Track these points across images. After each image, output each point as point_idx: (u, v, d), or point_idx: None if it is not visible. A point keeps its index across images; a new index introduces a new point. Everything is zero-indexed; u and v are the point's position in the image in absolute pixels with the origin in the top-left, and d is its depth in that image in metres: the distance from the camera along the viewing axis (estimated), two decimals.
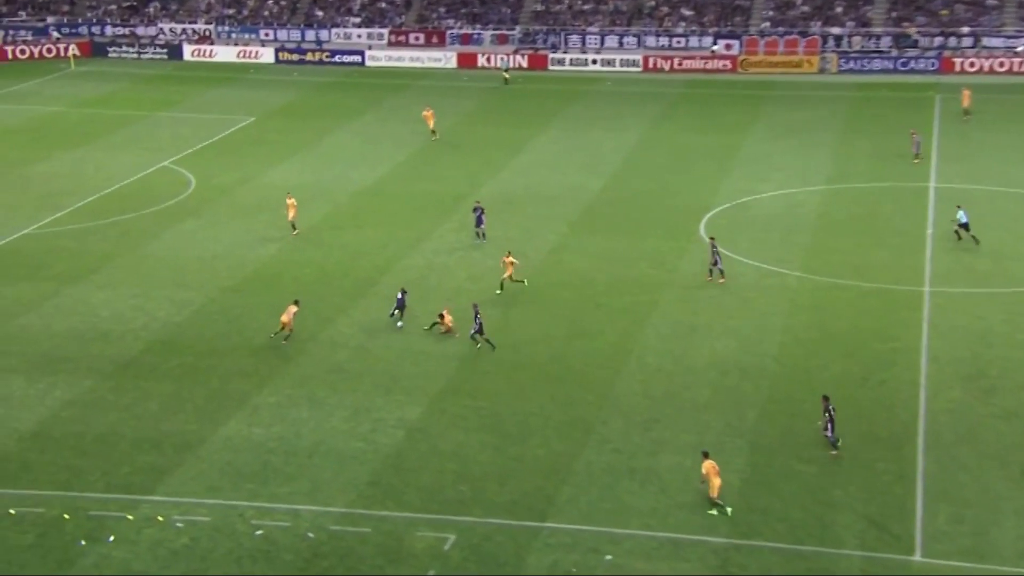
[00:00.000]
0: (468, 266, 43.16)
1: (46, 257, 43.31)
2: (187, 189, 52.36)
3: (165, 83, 75.59)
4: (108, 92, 72.71)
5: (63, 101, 69.89)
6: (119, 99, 70.98)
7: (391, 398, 33.05)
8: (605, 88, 74.06)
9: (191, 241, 45.42)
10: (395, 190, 52.70)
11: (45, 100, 70.13)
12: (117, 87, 74.20)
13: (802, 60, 76.77)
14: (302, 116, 66.98)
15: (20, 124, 63.69)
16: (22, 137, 60.94)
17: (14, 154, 57.27)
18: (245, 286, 41.06)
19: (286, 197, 46.51)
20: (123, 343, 36.19)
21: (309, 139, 61.37)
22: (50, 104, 69.05)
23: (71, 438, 30.43)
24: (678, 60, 77.69)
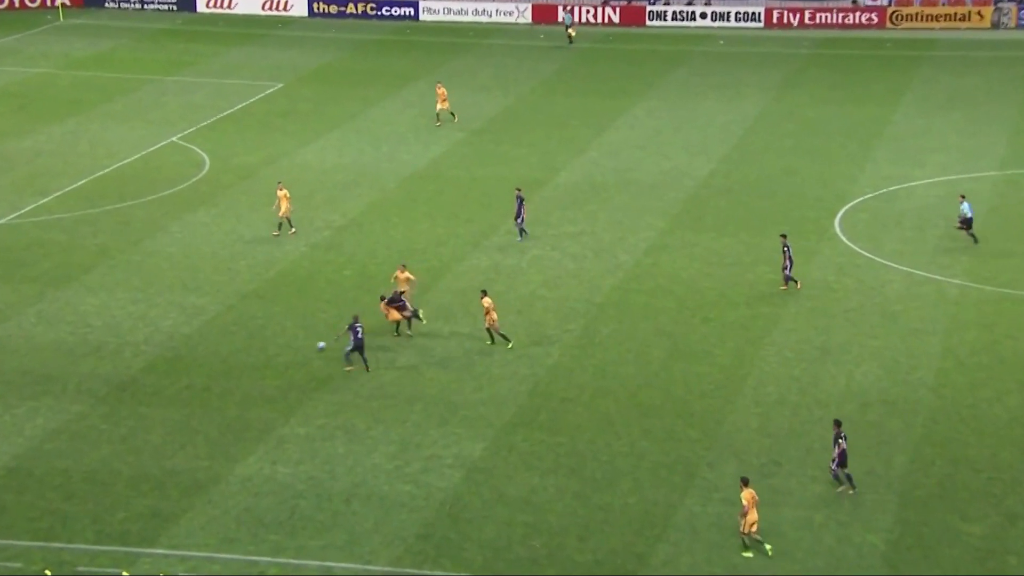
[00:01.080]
0: (543, 269, 43.31)
1: (28, 253, 44.34)
2: (200, 171, 53.25)
3: (174, 40, 76.98)
4: (104, 50, 74.26)
5: (50, 61, 71.54)
6: (118, 59, 72.45)
7: (447, 430, 33.27)
8: (716, 48, 73.71)
9: (204, 235, 46.17)
10: (454, 175, 53.05)
11: (28, 60, 71.85)
12: (115, 44, 75.75)
13: (970, 12, 75.71)
14: (341, 82, 67.73)
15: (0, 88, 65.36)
16: (1, 105, 62.47)
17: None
18: (270, 291, 41.63)
19: (277, 188, 46.66)
20: (120, 360, 36.90)
21: (350, 111, 62.05)
22: (34, 64, 70.73)
23: (56, 476, 31.08)
24: (809, 13, 77.12)
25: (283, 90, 66.03)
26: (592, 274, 42.79)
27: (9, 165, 53.34)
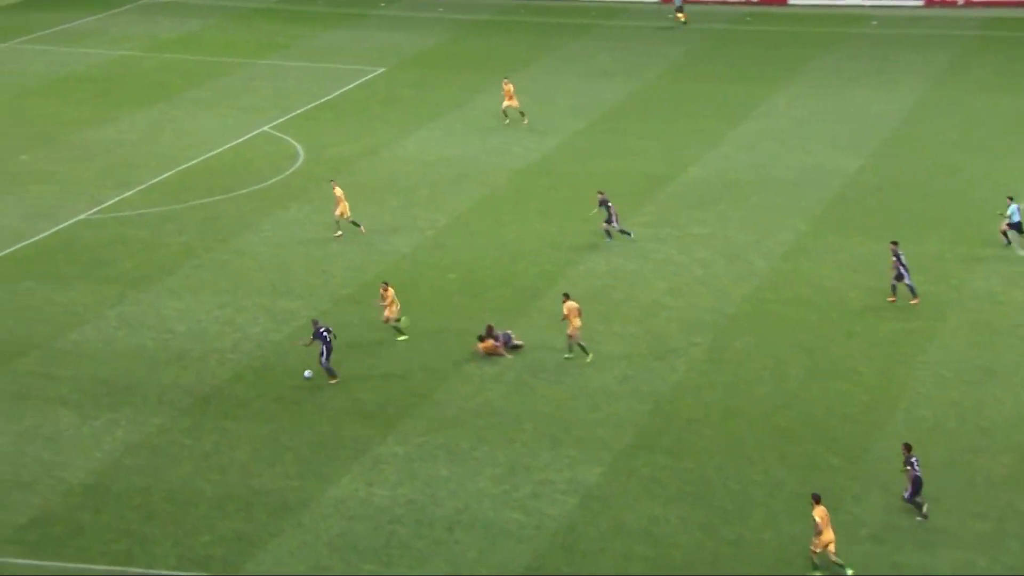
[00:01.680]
0: (668, 274, 43.24)
1: (108, 251, 45.45)
2: (293, 163, 54.11)
3: (267, 20, 78.31)
4: (192, 31, 75.82)
5: (134, 43, 73.24)
6: (206, 41, 73.92)
7: (560, 452, 33.37)
8: (869, 29, 72.87)
9: (297, 233, 46.89)
10: (571, 169, 53.18)
11: (111, 41, 73.64)
12: (204, 25, 77.29)
13: None
14: (448, 67, 68.30)
15: (79, 73, 67.08)
16: (81, 91, 64.15)
17: (70, 113, 60.34)
18: (368, 295, 42.13)
19: (332, 187, 47.03)
20: (204, 369, 37.64)
21: (457, 98, 62.55)
22: (117, 47, 72.46)
23: (135, 494, 31.81)
24: None
25: (384, 75, 66.81)
26: (723, 281, 42.59)
27: (89, 155, 54.73)
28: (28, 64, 68.40)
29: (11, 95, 62.70)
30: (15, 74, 66.52)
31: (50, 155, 54.51)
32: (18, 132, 57.41)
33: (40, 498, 31.31)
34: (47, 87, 64.32)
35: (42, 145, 55.70)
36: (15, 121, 58.92)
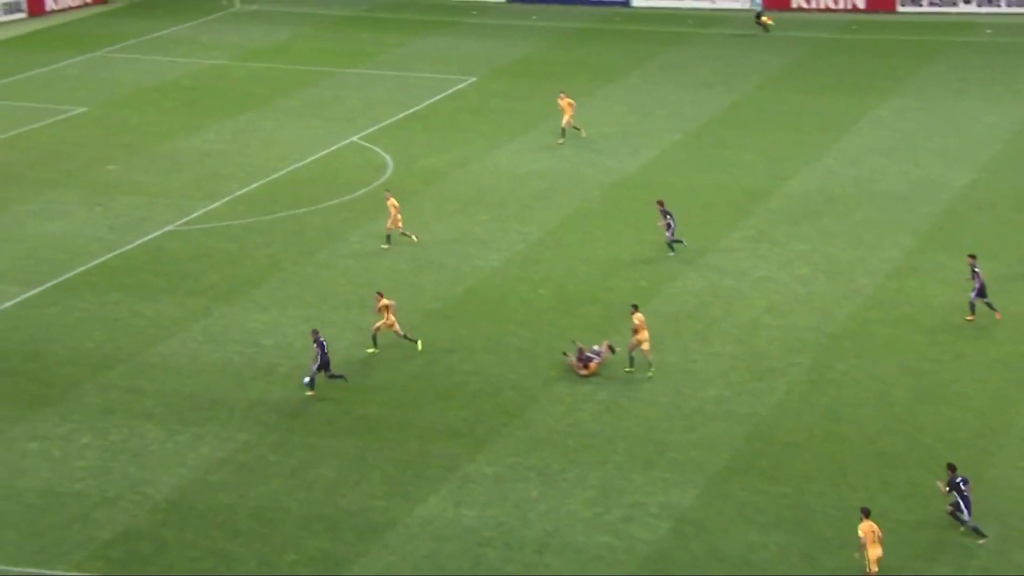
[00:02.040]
0: (768, 292, 42.98)
1: (195, 263, 46.06)
2: (382, 174, 54.50)
3: (358, 28, 78.98)
4: (281, 40, 76.66)
5: (223, 51, 74.20)
6: (296, 49, 74.71)
7: (653, 475, 33.28)
8: (983, 38, 71.95)
9: (378, 241, 47.17)
10: (667, 182, 53.04)
11: (200, 50, 74.66)
12: (293, 33, 78.13)
13: None
14: (541, 76, 68.41)
15: (168, 82, 68.10)
16: (170, 100, 65.10)
17: (160, 123, 61.24)
18: (457, 310, 42.32)
19: (385, 198, 47.26)
20: (291, 384, 38.00)
21: (550, 109, 62.53)
22: (207, 55, 73.45)
23: (220, 511, 32.18)
24: None
25: (475, 85, 67.09)
26: (825, 299, 42.25)
27: (177, 166, 55.48)
28: (118, 73, 69.56)
29: (101, 105, 63.79)
30: (105, 83, 67.67)
31: (138, 165, 55.37)
32: (107, 142, 58.38)
33: (125, 514, 31.78)
34: (136, 96, 65.35)
35: (130, 155, 56.59)
36: (105, 131, 59.92)
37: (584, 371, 37.66)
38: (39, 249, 46.55)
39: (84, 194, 51.88)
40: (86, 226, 48.82)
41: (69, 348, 39.64)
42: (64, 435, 35.04)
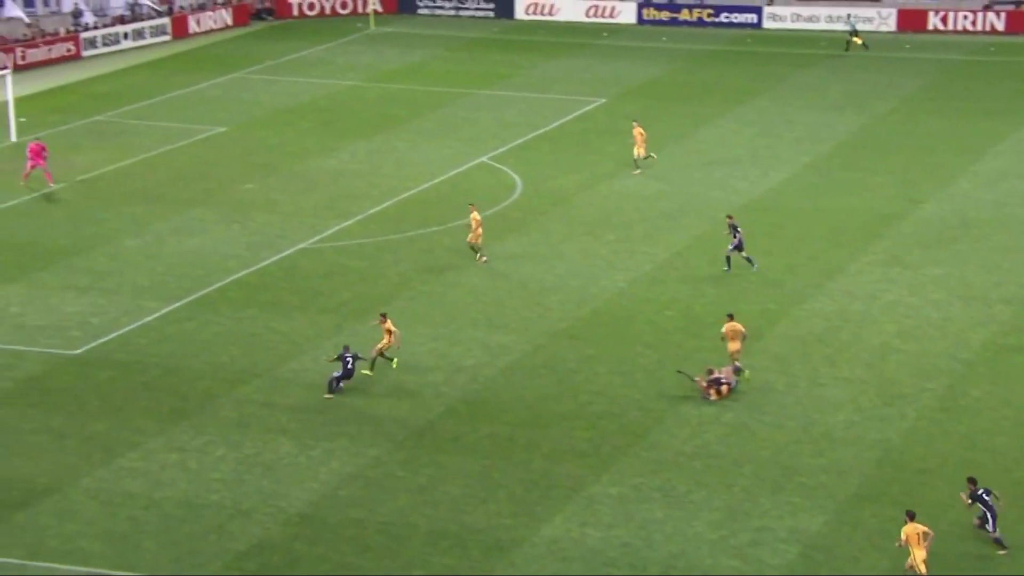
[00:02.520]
0: (899, 316, 42.28)
1: (327, 281, 46.52)
2: (511, 195, 54.65)
3: (490, 50, 79.42)
4: (416, 61, 77.37)
5: (359, 73, 75.07)
6: (429, 71, 75.32)
7: (781, 499, 32.84)
8: None
9: (513, 266, 47.30)
10: (797, 205, 52.50)
11: (336, 71, 75.63)
12: (427, 55, 78.80)
13: None
14: (671, 98, 68.21)
15: (305, 103, 69.03)
16: (306, 121, 65.98)
17: (296, 143, 62.08)
18: (584, 330, 42.22)
19: (470, 211, 47.44)
20: (419, 402, 38.16)
21: (679, 130, 62.42)
22: (342, 76, 74.38)
23: (350, 526, 32.37)
24: None
25: (604, 106, 67.05)
26: (959, 325, 41.43)
27: (311, 185, 56.17)
28: (257, 94, 70.71)
29: (239, 125, 64.86)
30: (244, 103, 68.82)
31: (274, 185, 56.16)
32: (245, 161, 59.32)
33: (259, 527, 32.12)
34: (273, 117, 66.35)
35: (267, 174, 57.44)
36: (243, 150, 60.90)
37: (715, 396, 37.31)
38: (179, 265, 47.40)
39: (222, 212, 52.73)
40: (224, 243, 49.60)
41: (206, 362, 40.24)
42: (200, 447, 35.56)
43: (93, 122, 65.32)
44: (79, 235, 50.13)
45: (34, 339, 41.53)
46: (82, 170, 57.44)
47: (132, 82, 73.17)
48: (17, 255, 48.17)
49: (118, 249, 48.89)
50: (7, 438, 35.86)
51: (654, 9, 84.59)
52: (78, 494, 33.21)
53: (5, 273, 46.54)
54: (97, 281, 45.94)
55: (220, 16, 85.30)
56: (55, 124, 64.22)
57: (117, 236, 50.09)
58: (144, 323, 42.79)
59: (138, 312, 43.43)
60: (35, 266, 47.17)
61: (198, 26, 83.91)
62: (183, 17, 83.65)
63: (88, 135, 63.02)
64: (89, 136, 62.85)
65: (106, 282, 45.90)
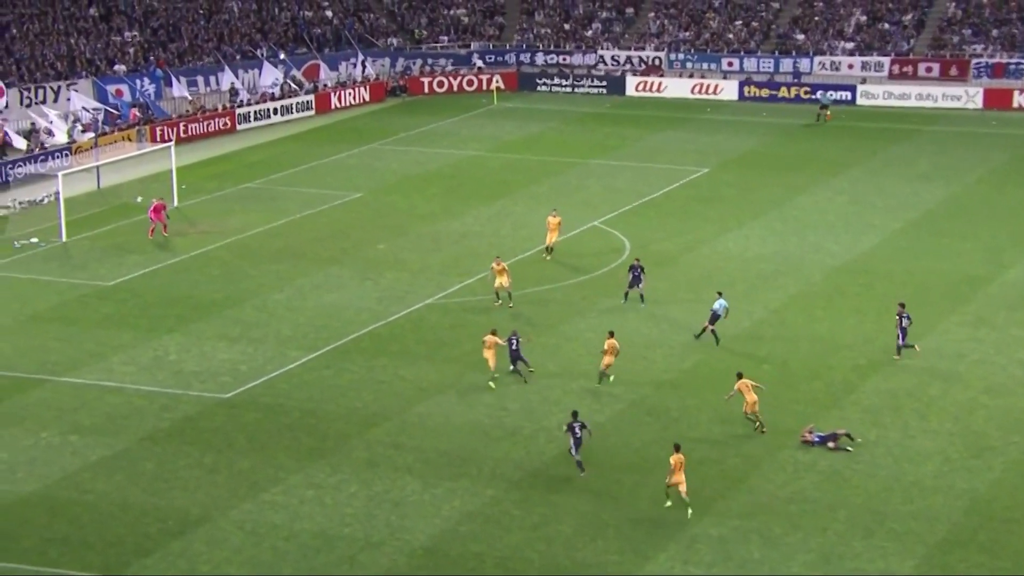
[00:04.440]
0: (986, 374, 41.29)
1: (451, 333, 46.56)
2: (620, 256, 54.43)
3: (602, 123, 79.48)
4: (534, 133, 77.66)
5: (482, 143, 75.51)
6: (546, 142, 75.54)
7: (873, 543, 32.07)
8: None
9: (620, 321, 46.97)
10: (887, 268, 51.64)
11: (462, 142, 76.16)
12: (544, 127, 79.06)
13: None
14: (769, 167, 67.65)
15: (432, 171, 69.55)
16: (433, 187, 66.42)
17: (423, 207, 62.48)
18: (686, 381, 41.77)
19: (494, 262, 48.14)
20: (534, 445, 37.96)
21: (776, 197, 61.87)
22: (467, 147, 74.87)
23: (469, 559, 32.17)
24: None
25: (707, 175, 66.69)
26: None
27: (438, 245, 56.45)
28: (389, 163, 71.42)
29: (373, 191, 65.47)
30: (377, 171, 69.53)
31: (404, 245, 56.53)
32: (377, 223, 59.81)
33: (387, 558, 32.08)
34: (403, 183, 66.91)
35: (397, 235, 57.84)
36: (376, 214, 61.43)
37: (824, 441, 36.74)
38: (318, 318, 47.80)
39: (357, 269, 53.16)
40: (357, 298, 49.96)
41: (341, 406, 40.45)
42: (335, 484, 35.66)
43: (245, 188, 66.40)
44: (231, 289, 50.83)
45: (190, 384, 42.08)
46: (235, 231, 58.34)
47: (280, 152, 74.34)
48: (176, 307, 48.93)
49: (265, 302, 49.46)
50: (165, 473, 36.31)
51: (755, 87, 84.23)
52: (227, 524, 33.47)
53: (165, 323, 47.26)
54: (246, 331, 46.48)
55: (359, 93, 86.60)
56: (212, 190, 65.40)
57: (264, 291, 50.70)
58: (287, 370, 43.17)
59: (282, 360, 43.84)
60: (192, 317, 47.86)
61: (339, 102, 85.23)
62: (326, 94, 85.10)
63: (240, 200, 64.03)
64: (241, 200, 63.86)
65: (254, 332, 46.41)
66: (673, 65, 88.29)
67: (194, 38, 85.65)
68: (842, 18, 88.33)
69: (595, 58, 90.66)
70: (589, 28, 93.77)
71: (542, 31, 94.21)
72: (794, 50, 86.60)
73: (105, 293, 50.70)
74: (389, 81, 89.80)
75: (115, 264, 54.02)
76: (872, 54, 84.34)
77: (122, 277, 52.31)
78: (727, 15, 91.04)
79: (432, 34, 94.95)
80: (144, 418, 39.58)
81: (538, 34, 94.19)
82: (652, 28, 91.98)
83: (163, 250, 55.57)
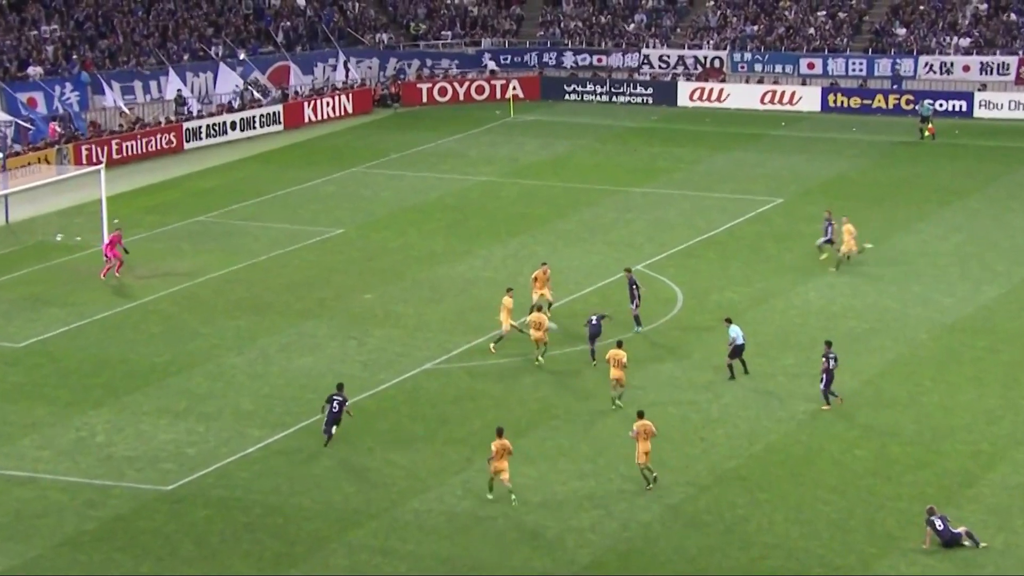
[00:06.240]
0: None
1: (455, 407, 46.58)
2: (670, 310, 54.60)
3: (646, 141, 79.95)
4: (560, 154, 78.13)
5: (494, 167, 76.01)
6: (575, 164, 75.99)
7: None
8: None
9: (672, 393, 47.08)
10: (1014, 326, 51.78)
11: (470, 165, 76.66)
12: (573, 146, 79.54)
13: None
14: (859, 198, 67.95)
15: (431, 201, 70.03)
16: (434, 221, 66.88)
17: (421, 246, 62.89)
18: (755, 471, 41.77)
19: (531, 316, 49.21)
20: (561, 550, 37.80)
21: (871, 236, 61.96)
22: (476, 171, 75.35)
23: None
24: None
25: (782, 207, 66.99)
26: None
27: (439, 295, 56.75)
28: (378, 191, 71.94)
29: (359, 226, 65.92)
30: (365, 201, 70.02)
31: (396, 294, 56.85)
32: (364, 268, 60.17)
33: None
34: (397, 217, 67.36)
35: (388, 282, 58.17)
36: (361, 255, 61.81)
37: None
38: (286, 387, 48.06)
39: (337, 325, 53.47)
40: (338, 362, 50.24)
41: (316, 501, 40.61)
42: None
43: (195, 222, 66.93)
44: (176, 351, 51.16)
45: (122, 472, 42.29)
46: (182, 277, 58.74)
47: (239, 177, 74.97)
48: (106, 374, 49.25)
49: (219, 367, 49.78)
50: None
51: (842, 95, 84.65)
52: None
53: (92, 395, 47.57)
54: (195, 405, 46.76)
55: (339, 103, 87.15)
56: (152, 225, 65.97)
57: (218, 353, 51.02)
58: (246, 454, 43.39)
59: (240, 441, 44.07)
60: (125, 387, 48.16)
61: (314, 114, 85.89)
62: (298, 104, 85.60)
63: (189, 237, 64.54)
64: (190, 238, 64.35)
65: (205, 406, 46.70)
66: (738, 68, 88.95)
67: (131, 33, 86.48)
68: (955, 7, 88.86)
69: (638, 59, 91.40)
70: (631, 21, 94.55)
71: (571, 25, 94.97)
72: (893, 48, 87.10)
73: (14, 357, 51.10)
74: (378, 88, 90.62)
75: (27, 320, 54.47)
76: (994, 53, 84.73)
77: (36, 336, 52.74)
78: (807, 4, 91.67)
79: (433, 28, 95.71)
80: (63, 517, 39.75)
81: (566, 28, 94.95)
82: (711, 21, 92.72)
83: (89, 302, 55.96)
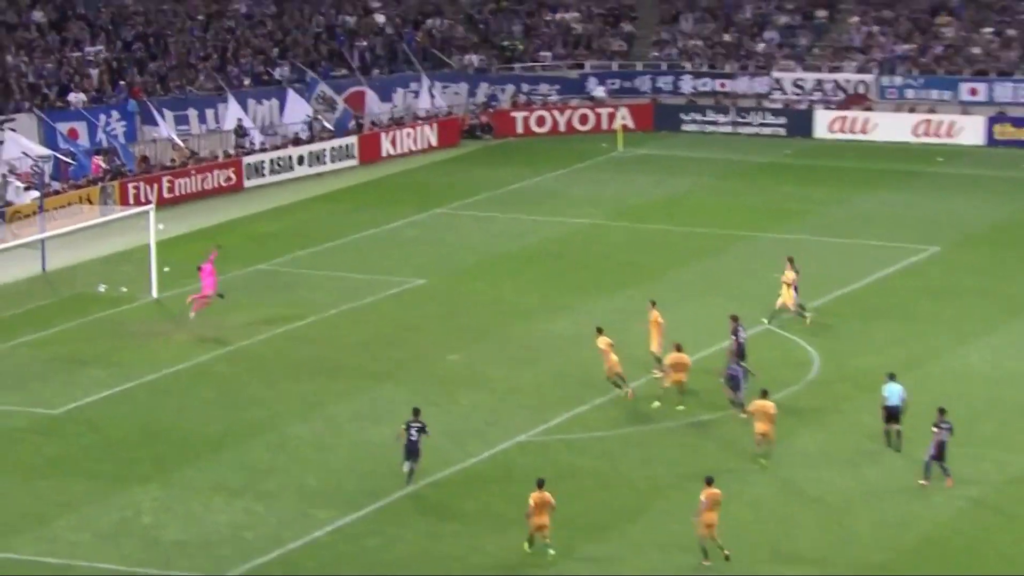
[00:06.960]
0: None
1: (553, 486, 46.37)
2: (805, 374, 54.35)
3: (778, 179, 79.84)
4: (676, 192, 78.18)
5: (599, 208, 76.11)
6: (694, 206, 75.97)
7: None
8: None
9: (806, 470, 46.81)
10: None
11: (570, 206, 76.78)
12: (692, 184, 79.59)
13: None
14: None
15: (527, 247, 70.18)
16: (530, 270, 67.05)
17: (513, 299, 62.90)
18: (908, 566, 41.24)
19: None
20: None
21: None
22: (578, 212, 75.48)
23: None
24: None
25: (939, 257, 66.65)
26: None
27: (534, 356, 56.65)
28: (466, 235, 72.16)
29: (443, 276, 66.10)
30: (450, 247, 70.24)
31: (485, 355, 56.91)
32: (448, 324, 60.29)
33: None
34: (487, 265, 67.54)
35: (475, 341, 58.27)
36: (446, 310, 61.93)
37: None
38: (360, 462, 48.14)
39: (417, 390, 53.48)
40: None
41: None
42: None
43: (256, 271, 67.45)
44: (232, 419, 51.45)
45: (171, 559, 42.40)
46: (240, 334, 59.09)
47: (306, 219, 75.50)
48: (154, 446, 49.49)
49: (281, 438, 50.00)
50: None
51: (1011, 125, 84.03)
52: None
53: (137, 470, 47.77)
54: (254, 481, 46.96)
55: (422, 135, 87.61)
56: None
57: (281, 421, 51.26)
58: (312, 539, 43.48)
59: (305, 523, 44.20)
60: (175, 461, 48.42)
61: (393, 147, 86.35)
62: (374, 136, 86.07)
63: (248, 288, 64.95)
64: (249, 290, 64.77)
65: (265, 483, 46.89)
66: (887, 93, 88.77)
67: (185, 55, 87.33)
68: None
69: (769, 83, 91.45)
70: (760, 40, 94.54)
71: (690, 44, 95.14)
72: None
73: (50, 425, 51.56)
74: (467, 117, 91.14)
75: (65, 383, 54.93)
76: None
77: (75, 402, 53.18)
78: (969, 18, 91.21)
79: (530, 49, 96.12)
80: None
81: (684, 48, 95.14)
82: (855, 39, 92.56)
83: (135, 363, 56.38)
